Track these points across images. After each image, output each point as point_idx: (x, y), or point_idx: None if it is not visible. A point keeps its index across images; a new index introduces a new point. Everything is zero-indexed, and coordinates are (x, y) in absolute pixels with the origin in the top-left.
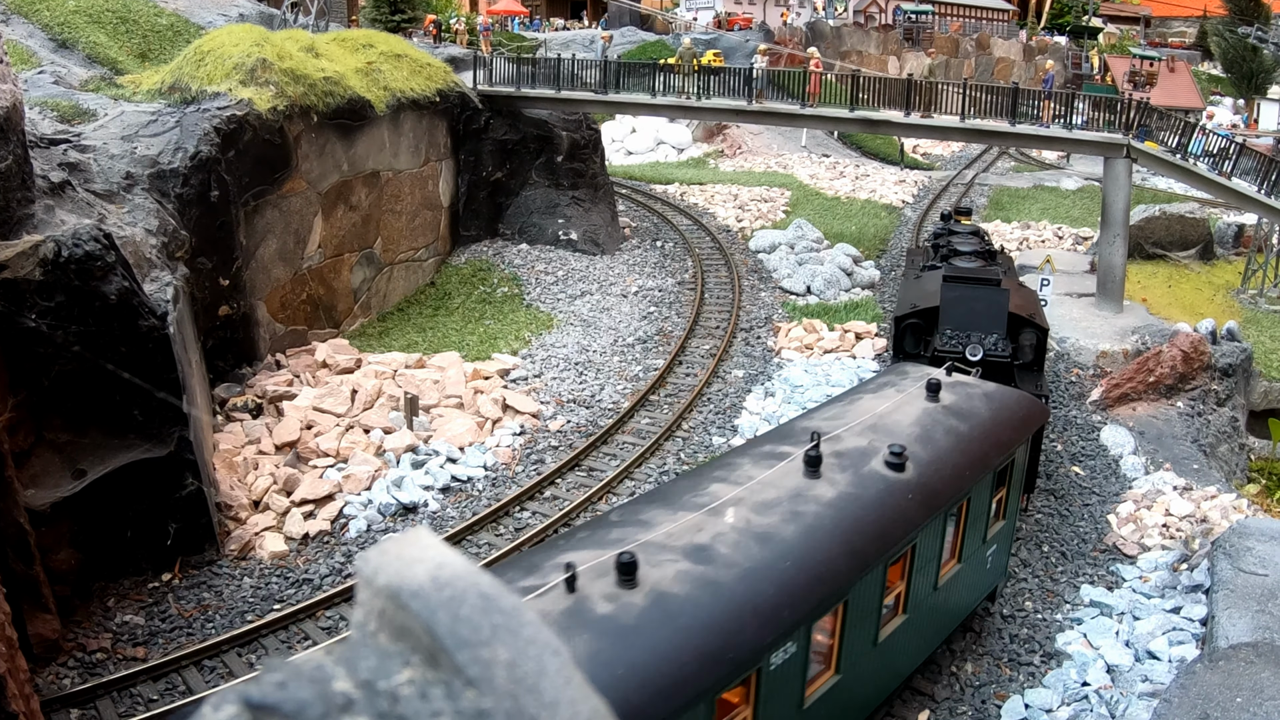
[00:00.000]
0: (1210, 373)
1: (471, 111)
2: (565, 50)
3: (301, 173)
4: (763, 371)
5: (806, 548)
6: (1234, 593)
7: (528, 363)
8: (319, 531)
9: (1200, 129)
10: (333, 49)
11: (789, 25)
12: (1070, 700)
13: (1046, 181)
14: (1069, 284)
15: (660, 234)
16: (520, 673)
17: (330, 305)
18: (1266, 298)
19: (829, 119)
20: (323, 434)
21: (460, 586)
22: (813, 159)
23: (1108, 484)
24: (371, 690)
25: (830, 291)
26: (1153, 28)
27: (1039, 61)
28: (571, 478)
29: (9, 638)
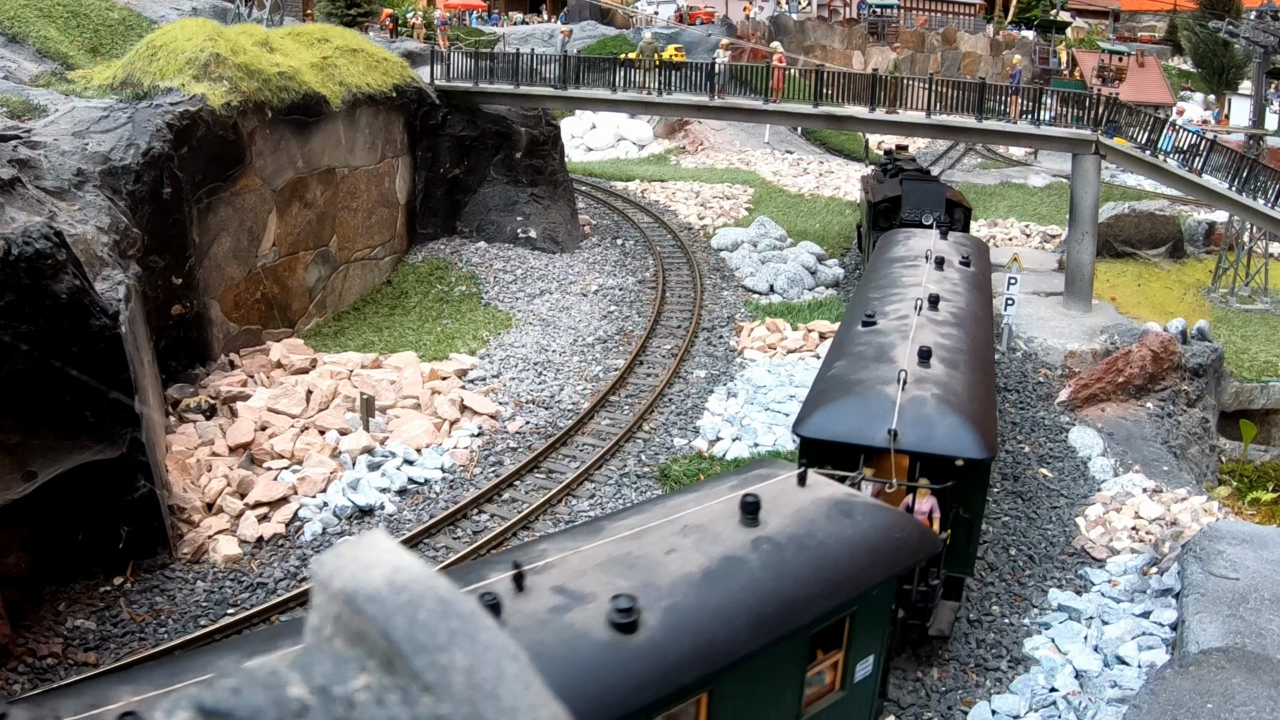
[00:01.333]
0: (1180, 373)
1: (429, 107)
2: (524, 45)
3: (255, 169)
4: (725, 372)
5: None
6: (1205, 597)
7: (486, 363)
8: (273, 534)
9: (1170, 125)
10: (287, 43)
11: (752, 19)
12: (1038, 706)
13: (1014, 178)
14: (1037, 283)
15: (621, 232)
16: (478, 678)
17: (285, 304)
18: (1238, 296)
19: (792, 115)
20: (277, 435)
21: (417, 591)
22: (776, 155)
23: (1076, 486)
24: (327, 696)
25: (793, 290)
26: (1122, 22)
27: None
28: (530, 480)
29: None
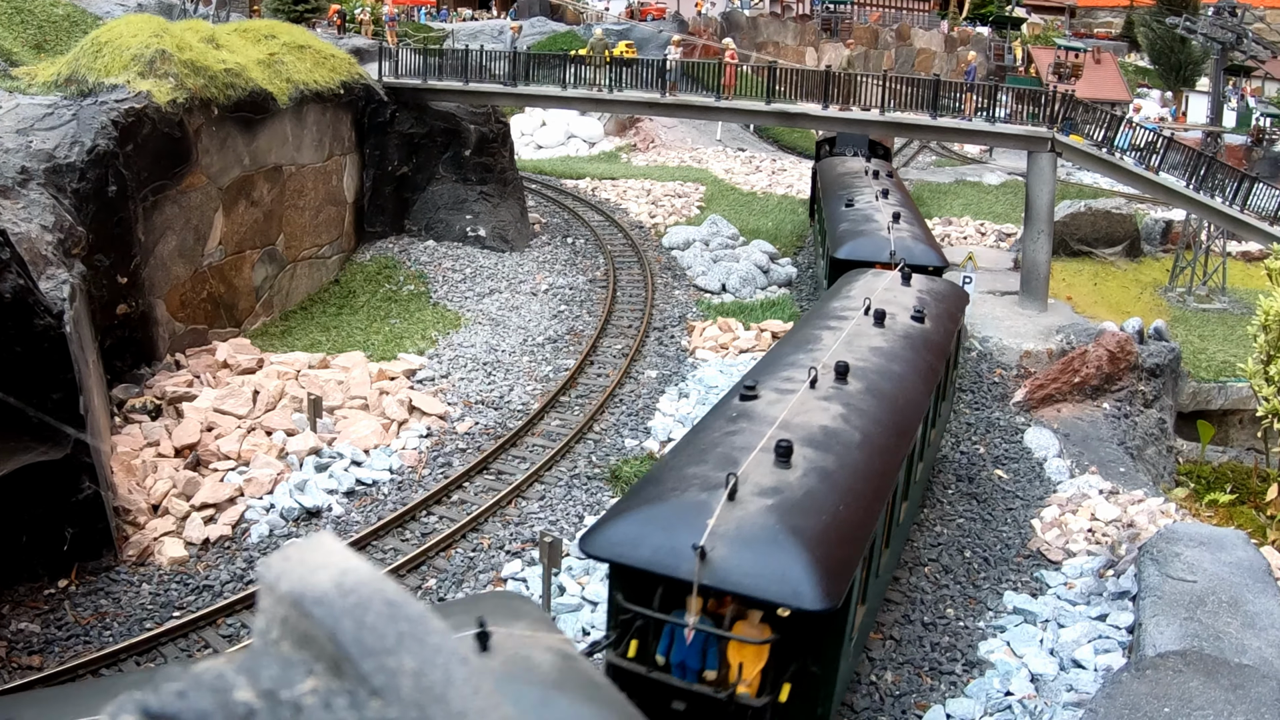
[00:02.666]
0: (1137, 373)
1: (376, 104)
2: (473, 41)
3: (202, 167)
4: (676, 372)
5: None
6: (1161, 600)
7: (434, 363)
8: (220, 537)
9: (1127, 122)
10: (234, 40)
11: (703, 15)
12: (993, 710)
13: (969, 176)
14: (992, 282)
15: (571, 230)
16: (427, 682)
17: (231, 304)
18: (1195, 296)
19: (745, 112)
20: (223, 436)
21: (365, 593)
22: (728, 153)
23: (1031, 488)
24: (274, 700)
25: (746, 289)
26: (1078, 18)
27: (961, 53)
28: (480, 481)
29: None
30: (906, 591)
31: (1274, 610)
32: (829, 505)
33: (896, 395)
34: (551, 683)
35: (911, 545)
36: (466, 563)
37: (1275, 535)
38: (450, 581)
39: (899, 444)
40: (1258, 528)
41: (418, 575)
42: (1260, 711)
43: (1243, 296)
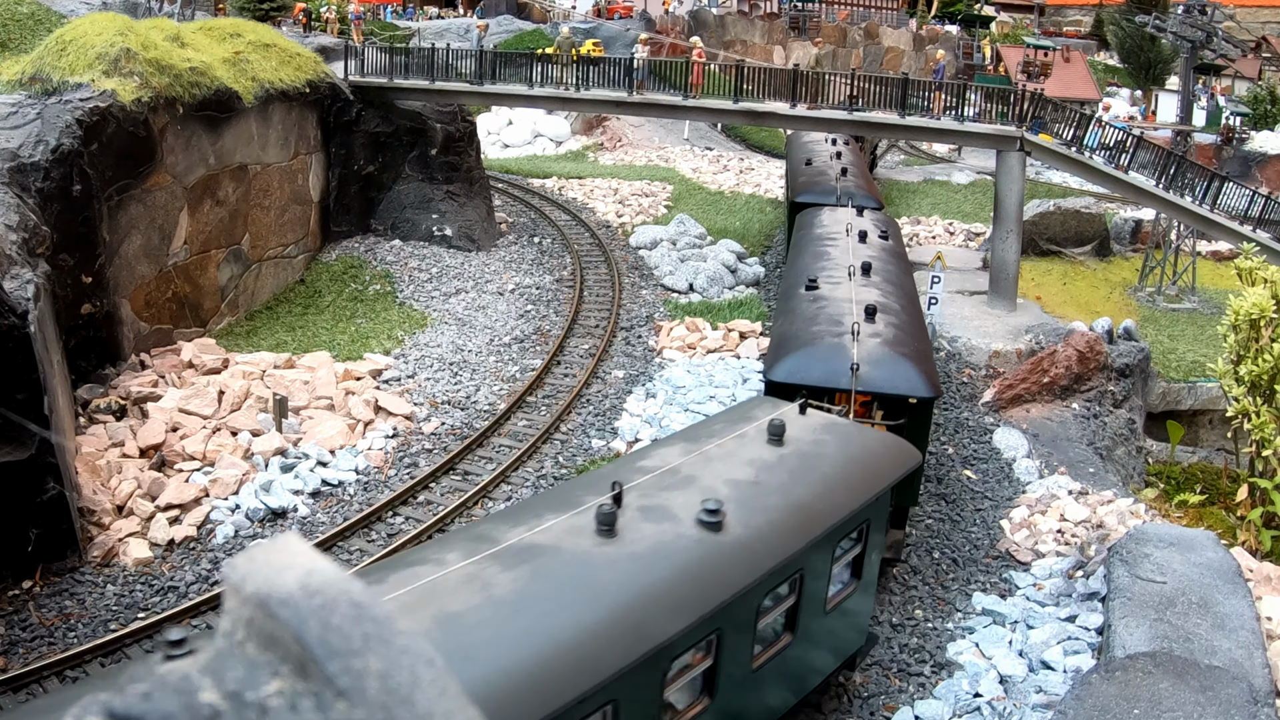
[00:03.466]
0: (1106, 373)
1: (343, 103)
2: (439, 39)
3: (167, 166)
4: (644, 372)
5: None
6: (1131, 601)
7: (401, 363)
8: (185, 537)
9: (1096, 121)
10: (199, 38)
11: (671, 14)
12: (962, 712)
13: (937, 175)
14: (960, 281)
15: (538, 230)
16: (393, 683)
17: (196, 303)
18: (1165, 295)
19: (712, 111)
20: (189, 436)
21: (331, 594)
22: (695, 152)
23: (1000, 488)
24: (239, 701)
25: (713, 289)
26: (1047, 16)
27: (929, 51)
28: (446, 482)
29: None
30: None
31: (1244, 611)
32: (910, 341)
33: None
34: (855, 428)
35: None
36: None
37: (1245, 536)
38: None
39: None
40: (1228, 528)
41: None
42: (1230, 713)
43: (1213, 296)
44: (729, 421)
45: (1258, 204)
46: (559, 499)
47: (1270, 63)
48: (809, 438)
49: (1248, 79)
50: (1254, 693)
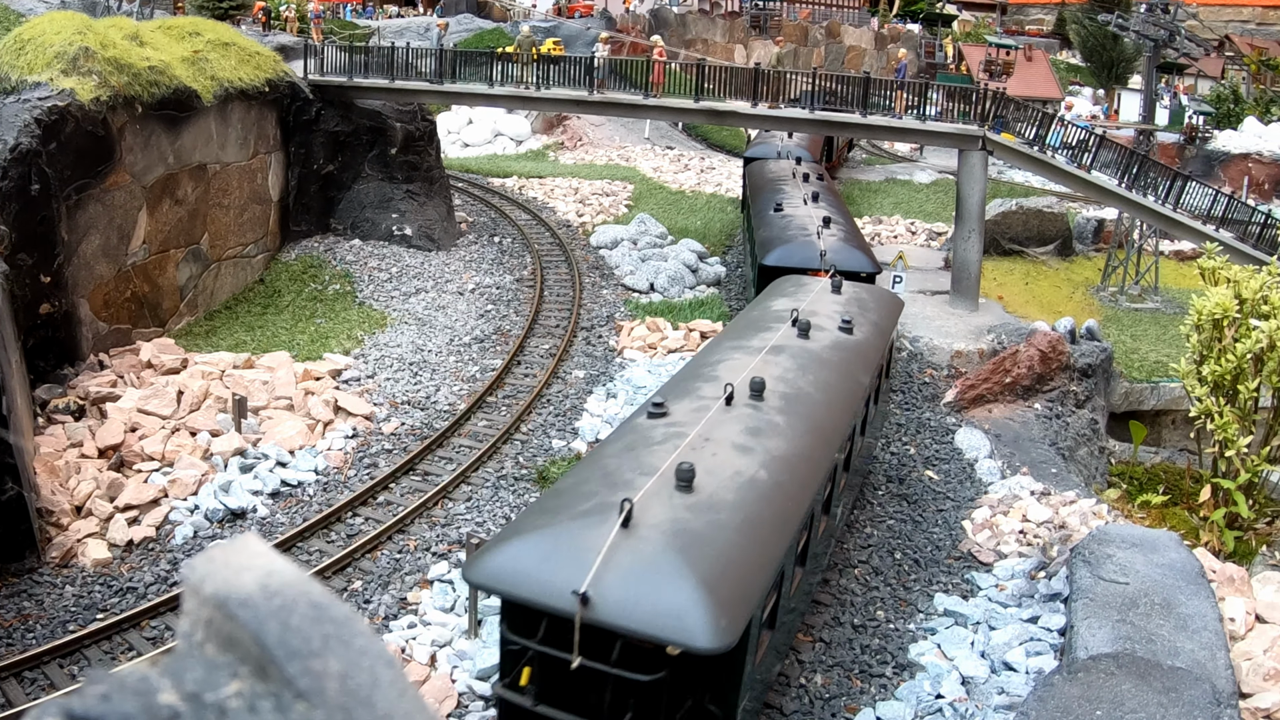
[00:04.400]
0: (1069, 373)
1: (302, 102)
2: (399, 38)
3: (126, 165)
4: (604, 372)
5: None
6: (1094, 602)
7: (360, 363)
8: (144, 538)
9: (1059, 120)
10: (158, 37)
11: (632, 12)
12: (923, 713)
13: (899, 175)
14: (922, 281)
15: (498, 229)
16: (353, 684)
17: (155, 303)
18: (1127, 295)
19: (673, 110)
20: (148, 437)
21: (290, 595)
22: (656, 151)
23: (962, 489)
24: (198, 703)
25: (674, 289)
26: (1009, 15)
27: (891, 50)
28: (406, 482)
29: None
30: (836, 594)
31: (1207, 612)
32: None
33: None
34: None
35: (841, 547)
36: (392, 564)
37: (1208, 537)
38: (376, 583)
39: None
40: (1190, 529)
41: (343, 577)
42: (1193, 714)
43: (1175, 296)
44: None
45: (1220, 203)
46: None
47: (1233, 62)
48: (851, 291)
49: (1211, 78)
50: (1217, 694)
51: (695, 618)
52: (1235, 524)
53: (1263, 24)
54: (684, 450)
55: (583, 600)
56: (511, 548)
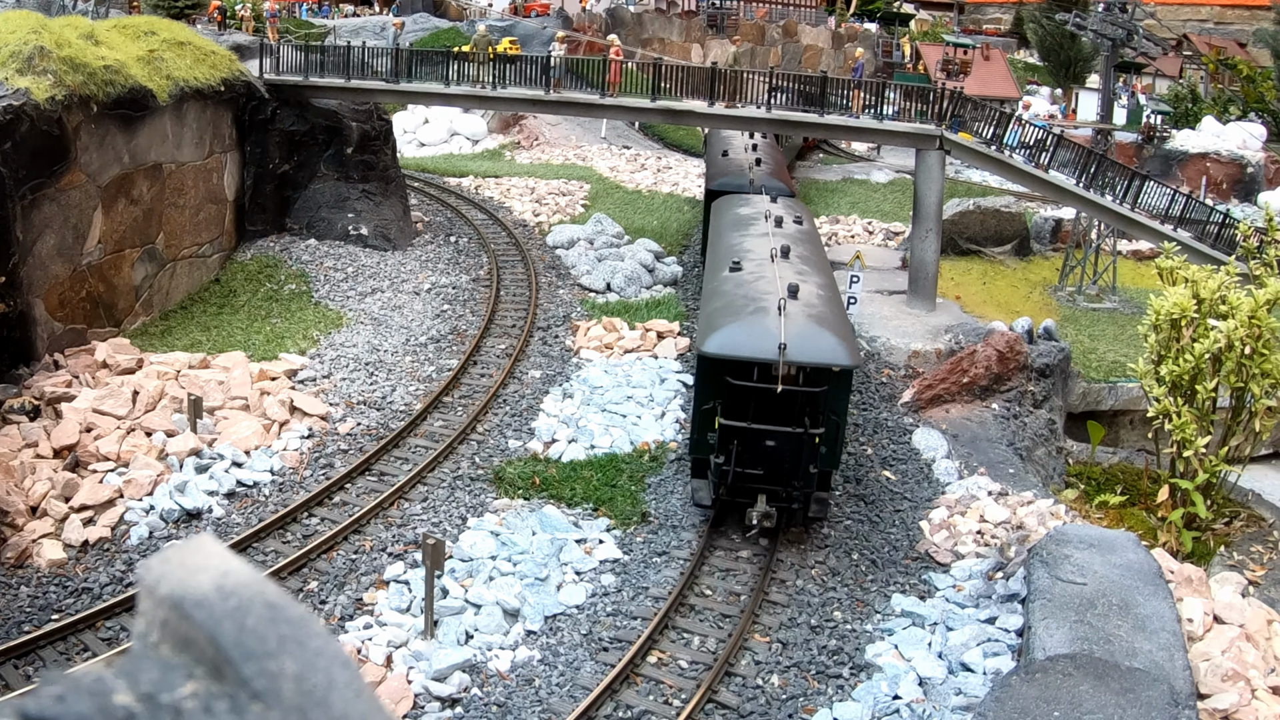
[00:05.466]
0: (1026, 373)
1: (258, 101)
2: (355, 37)
3: (81, 165)
4: (561, 372)
5: None
6: (1051, 602)
7: (316, 363)
8: (99, 538)
9: (1016, 119)
10: (113, 36)
11: (588, 11)
12: (881, 714)
13: (856, 174)
14: (879, 281)
15: (454, 229)
16: (308, 685)
17: (111, 303)
18: (1085, 295)
19: (630, 109)
20: (103, 437)
21: (246, 596)
22: (613, 151)
23: (919, 489)
24: (153, 704)
25: (631, 289)
26: (967, 14)
27: (848, 50)
28: (362, 482)
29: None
30: (793, 594)
31: (1165, 613)
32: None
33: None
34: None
35: (798, 547)
36: (348, 565)
37: (1166, 537)
38: (331, 584)
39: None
40: (1148, 529)
41: (299, 578)
42: (1150, 715)
43: (1133, 296)
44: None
45: (1179, 203)
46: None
47: (1191, 61)
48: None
49: (1169, 77)
50: (1175, 695)
51: (841, 353)
52: (1193, 524)
53: (1221, 23)
54: (777, 281)
55: (781, 350)
56: (720, 334)
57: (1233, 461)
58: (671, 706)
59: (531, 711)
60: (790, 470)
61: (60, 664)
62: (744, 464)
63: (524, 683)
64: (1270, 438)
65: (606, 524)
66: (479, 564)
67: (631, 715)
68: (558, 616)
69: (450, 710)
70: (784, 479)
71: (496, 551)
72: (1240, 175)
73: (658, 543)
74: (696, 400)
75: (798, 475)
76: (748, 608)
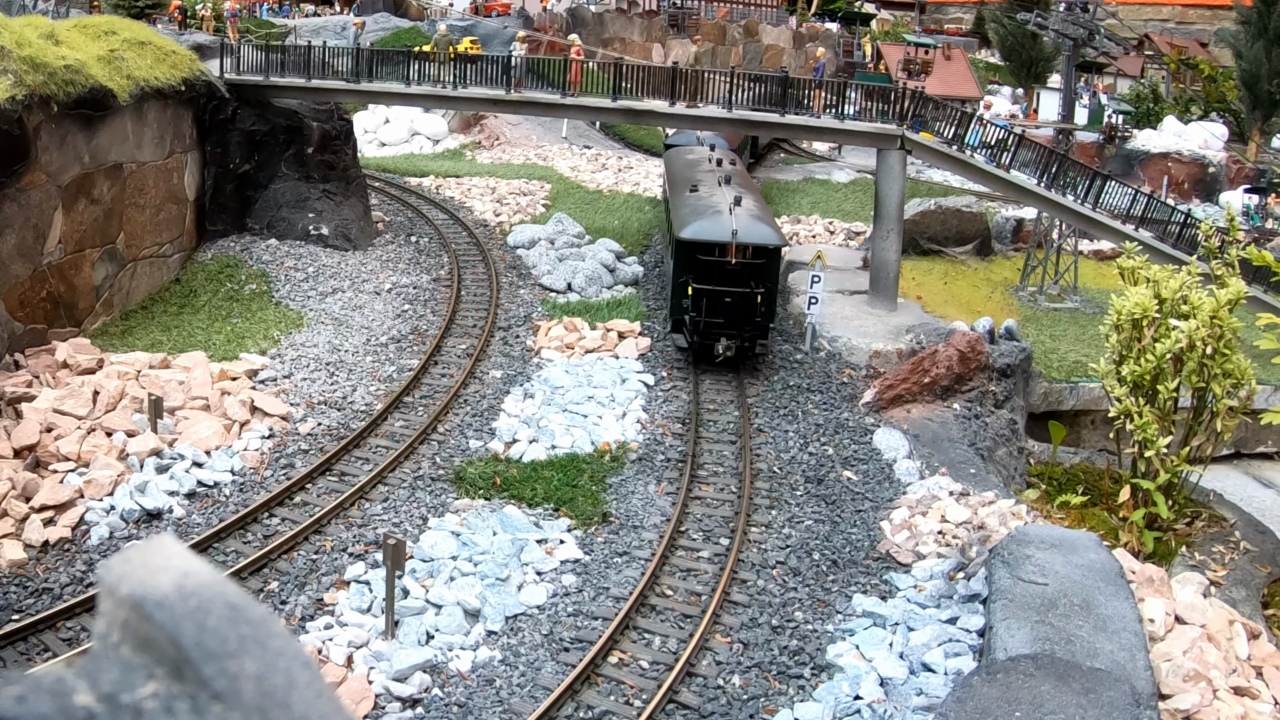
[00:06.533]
0: (988, 373)
1: (218, 101)
2: (316, 37)
3: (41, 165)
4: (522, 372)
5: None
6: (1012, 602)
7: (277, 363)
8: (59, 539)
9: (977, 119)
10: (74, 36)
11: (549, 11)
12: (842, 715)
13: (817, 174)
14: (841, 280)
15: (415, 229)
16: (269, 686)
17: (71, 303)
18: (1046, 295)
19: (591, 109)
20: (63, 437)
21: (207, 596)
22: (574, 150)
23: (881, 489)
24: (114, 704)
25: (592, 289)
26: (928, 14)
27: (810, 49)
28: (322, 482)
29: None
30: (754, 595)
31: (1126, 613)
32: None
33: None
34: None
35: (759, 547)
36: (309, 565)
37: (1127, 537)
38: (292, 584)
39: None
40: (1110, 530)
41: (260, 578)
42: (1112, 715)
43: (1095, 296)
44: (689, 153)
45: (1140, 203)
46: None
47: (1153, 61)
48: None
49: (1130, 77)
50: (1136, 695)
51: (773, 237)
52: (1155, 525)
53: (1182, 23)
54: (728, 195)
55: (734, 235)
56: (691, 226)
57: (1194, 462)
58: (632, 707)
59: (492, 712)
60: (743, 319)
61: (20, 664)
62: (710, 316)
63: (485, 683)
64: (1231, 438)
65: (567, 524)
66: (440, 564)
67: (593, 715)
68: (519, 617)
69: (411, 710)
70: (738, 325)
71: (457, 552)
72: (1202, 175)
73: (619, 543)
74: (674, 277)
75: (748, 323)
76: (709, 608)
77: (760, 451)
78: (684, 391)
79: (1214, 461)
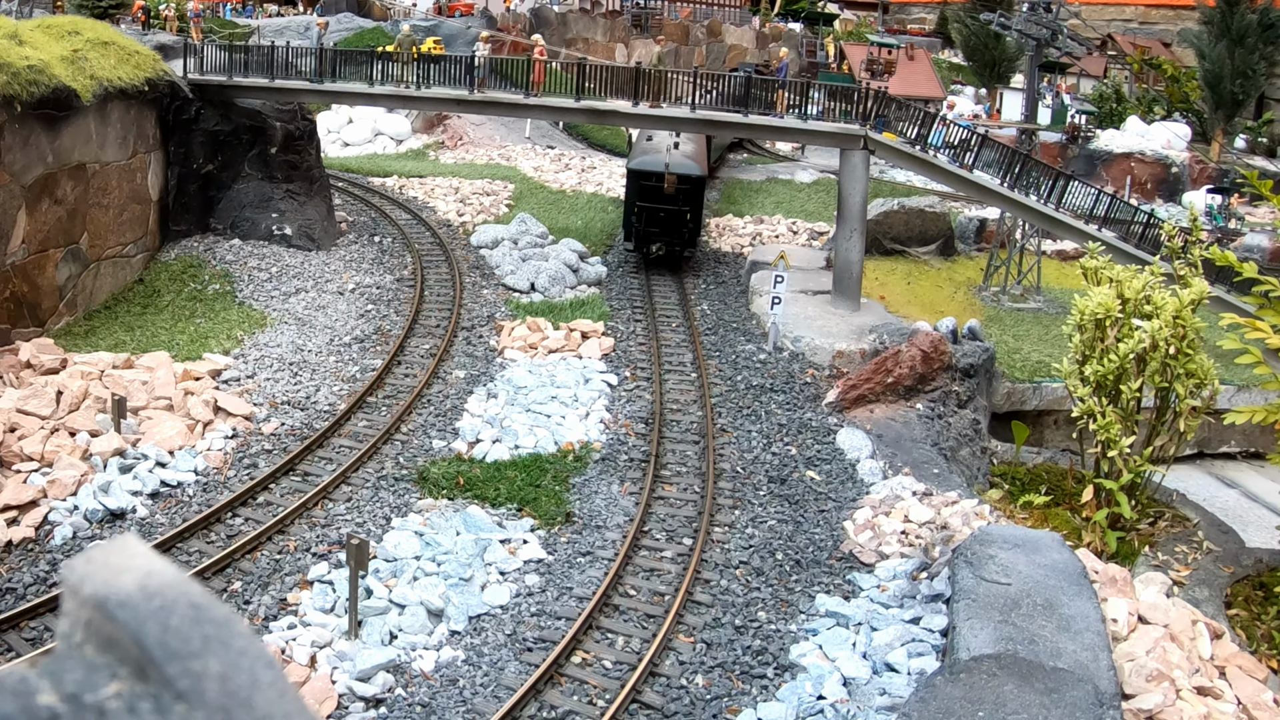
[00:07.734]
0: (951, 373)
1: (182, 101)
2: (279, 37)
3: (4, 165)
4: (485, 372)
5: None
6: (976, 602)
7: (240, 363)
8: (23, 539)
9: (940, 119)
10: (37, 36)
11: (512, 11)
12: (805, 715)
13: (781, 174)
14: (804, 281)
15: (378, 229)
16: (232, 685)
17: (35, 303)
18: (1009, 295)
19: (554, 109)
20: (26, 437)
21: (170, 596)
22: (537, 151)
23: (844, 489)
24: (77, 704)
25: (555, 289)
26: (891, 14)
27: (773, 49)
28: (286, 482)
29: None
30: (717, 594)
31: (1089, 613)
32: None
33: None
34: None
35: (722, 547)
36: (272, 565)
37: (1090, 537)
38: (255, 584)
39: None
40: (1073, 530)
41: (223, 578)
42: (1075, 715)
43: (1058, 296)
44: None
45: (1103, 203)
46: None
47: (1116, 61)
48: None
49: (1093, 77)
50: (1099, 695)
51: (697, 170)
52: (1118, 525)
53: (1145, 23)
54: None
55: (666, 167)
56: (637, 160)
57: (1157, 462)
58: (596, 706)
59: (456, 712)
60: (674, 230)
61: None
62: (649, 226)
63: (448, 683)
64: (1194, 438)
65: (531, 524)
66: (403, 564)
67: (556, 715)
68: (482, 617)
69: (374, 710)
70: (669, 234)
71: (421, 552)
72: (1165, 175)
73: (582, 543)
74: (627, 198)
75: (678, 233)
76: (672, 608)
77: (723, 451)
78: (647, 392)
79: (1177, 461)
